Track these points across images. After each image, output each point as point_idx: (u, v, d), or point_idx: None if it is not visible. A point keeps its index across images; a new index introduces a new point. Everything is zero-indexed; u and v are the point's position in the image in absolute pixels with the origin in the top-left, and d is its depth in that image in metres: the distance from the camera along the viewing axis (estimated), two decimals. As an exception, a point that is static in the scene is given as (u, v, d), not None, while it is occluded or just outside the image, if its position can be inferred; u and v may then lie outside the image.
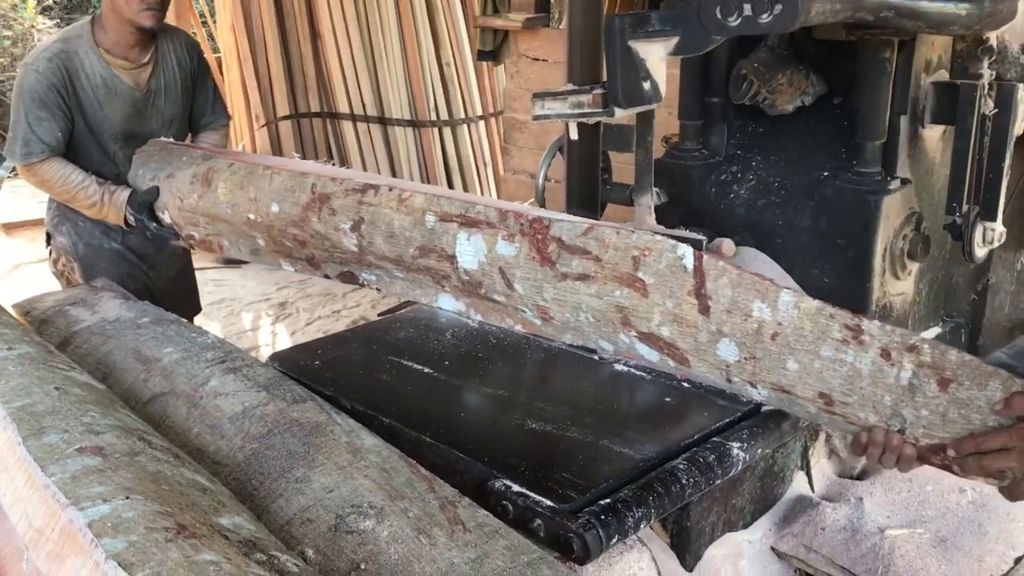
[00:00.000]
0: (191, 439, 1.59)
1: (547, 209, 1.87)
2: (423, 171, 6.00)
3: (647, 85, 1.80)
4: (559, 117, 1.95)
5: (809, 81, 2.06)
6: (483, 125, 6.28)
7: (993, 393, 1.24)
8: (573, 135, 2.01)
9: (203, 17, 6.22)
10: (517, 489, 1.52)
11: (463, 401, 1.89)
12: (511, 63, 4.20)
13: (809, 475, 1.95)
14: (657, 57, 1.78)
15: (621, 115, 1.86)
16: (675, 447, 1.67)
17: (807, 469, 1.95)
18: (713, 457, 1.63)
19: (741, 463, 1.67)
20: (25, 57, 2.83)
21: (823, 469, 2.00)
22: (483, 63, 5.79)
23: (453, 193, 1.76)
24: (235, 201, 2.05)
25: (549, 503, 1.48)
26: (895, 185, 1.99)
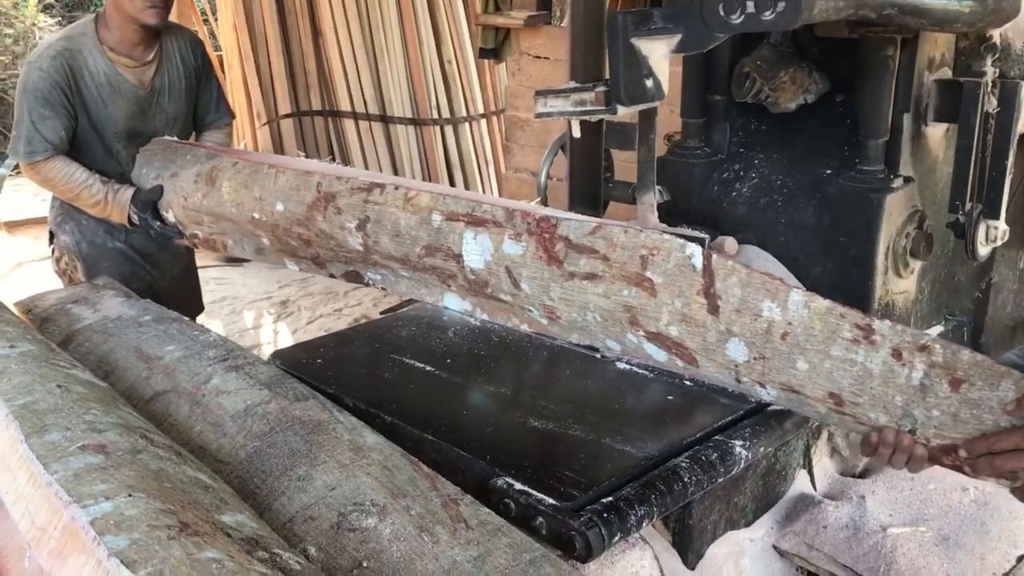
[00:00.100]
0: (193, 437, 1.59)
1: (552, 208, 1.86)
2: (424, 169, 6.00)
3: (650, 83, 1.80)
4: (561, 115, 1.94)
5: (812, 79, 2.05)
6: (485, 123, 6.28)
7: (1005, 393, 1.22)
8: (575, 133, 2.01)
9: (204, 15, 6.22)
10: (519, 487, 1.52)
11: (465, 399, 1.89)
12: (513, 61, 4.20)
13: (811, 473, 1.95)
14: (660, 55, 1.78)
15: (623, 113, 1.86)
16: (677, 445, 1.66)
17: (809, 467, 1.95)
18: (715, 455, 1.63)
19: (743, 461, 1.66)
20: (28, 55, 2.82)
21: (825, 467, 2.00)
22: (485, 61, 5.79)
23: (459, 192, 1.76)
24: (239, 200, 2.05)
25: (551, 501, 1.48)
26: (898, 183, 1.99)
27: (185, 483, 1.23)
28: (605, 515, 1.45)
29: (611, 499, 1.49)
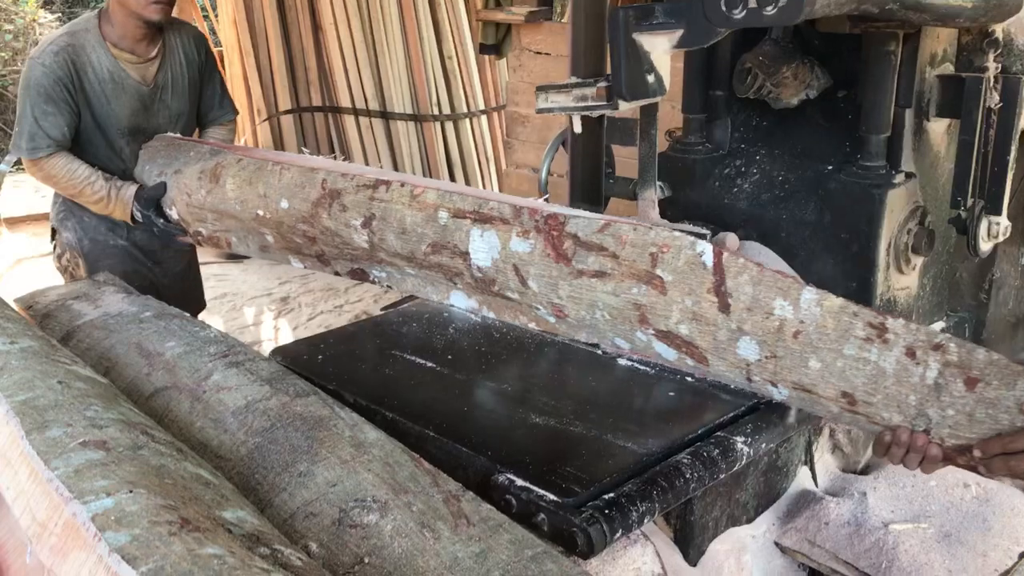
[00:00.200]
0: (194, 433, 1.59)
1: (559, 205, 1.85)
2: (425, 166, 6.00)
3: (651, 78, 1.80)
4: (563, 110, 1.94)
5: (813, 74, 2.05)
6: (485, 119, 6.28)
7: (1022, 393, 1.21)
8: (577, 128, 2.00)
9: (204, 11, 6.22)
10: (521, 483, 1.51)
11: (467, 395, 1.89)
12: (513, 57, 4.20)
13: (813, 470, 1.95)
14: (661, 50, 1.78)
15: (625, 108, 1.86)
16: (679, 442, 1.66)
17: (811, 464, 1.95)
18: (717, 452, 1.62)
19: (745, 458, 1.66)
20: (31, 50, 2.80)
21: (827, 464, 2.00)
22: (485, 57, 5.79)
23: (466, 189, 1.75)
24: (244, 197, 2.04)
25: (553, 497, 1.48)
26: (899, 179, 1.99)
27: (186, 479, 1.23)
28: (607, 511, 1.44)
29: (613, 495, 1.49)
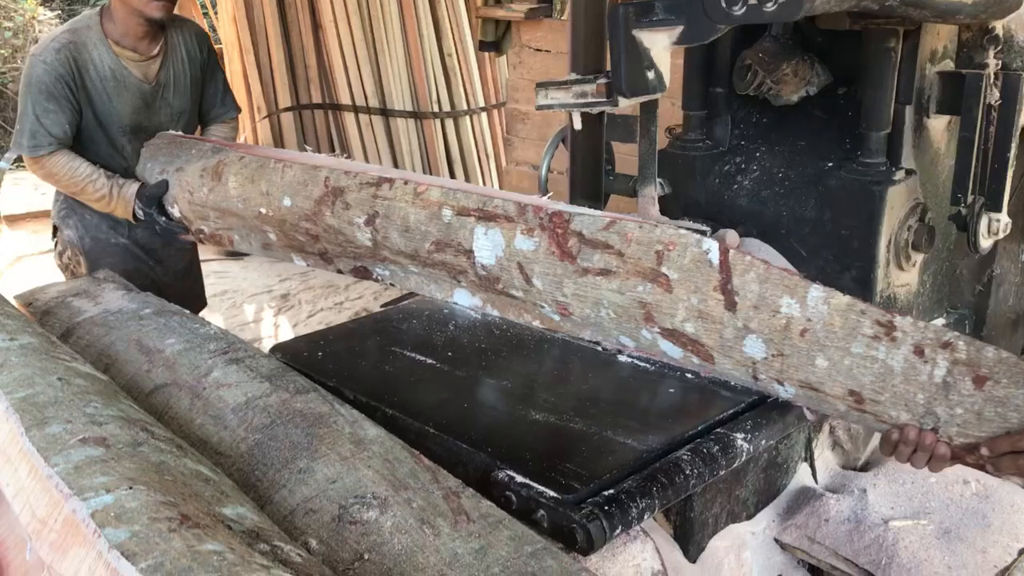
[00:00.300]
0: (194, 430, 1.59)
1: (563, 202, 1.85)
2: (425, 163, 6.00)
3: (651, 75, 1.79)
4: (562, 107, 1.94)
5: (814, 71, 2.05)
6: (485, 116, 6.27)
7: None
8: (577, 125, 2.00)
9: (204, 8, 6.21)
10: (521, 480, 1.51)
11: (466, 392, 1.89)
12: (513, 54, 4.19)
13: (813, 466, 1.95)
14: (661, 46, 1.77)
15: (625, 105, 1.85)
16: (679, 438, 1.66)
17: (811, 460, 1.95)
18: (717, 448, 1.62)
19: (745, 454, 1.66)
20: (33, 48, 2.79)
21: (827, 460, 2.00)
22: (485, 54, 5.78)
23: (470, 186, 1.74)
24: (246, 195, 2.04)
25: (553, 494, 1.48)
26: (900, 176, 1.98)
27: (186, 476, 1.23)
28: (606, 508, 1.45)
29: (612, 492, 1.49)
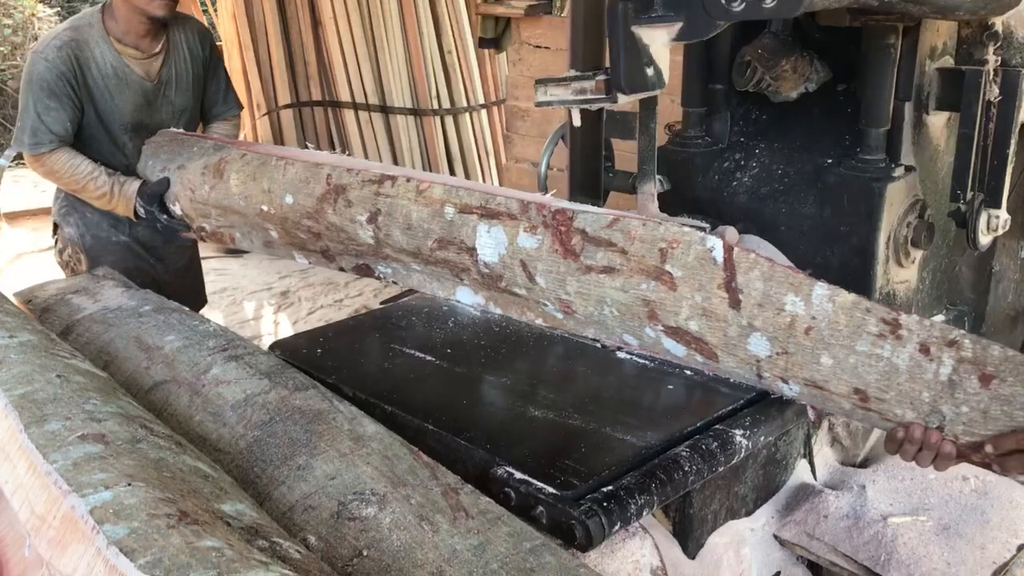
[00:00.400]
0: (193, 427, 1.59)
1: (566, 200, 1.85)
2: (425, 160, 5.99)
3: (650, 71, 1.79)
4: (561, 103, 1.93)
5: (813, 68, 2.04)
6: (485, 113, 6.27)
7: None
8: (576, 122, 2.00)
9: (204, 5, 6.21)
10: (520, 476, 1.51)
11: (465, 389, 1.89)
12: (513, 51, 4.19)
13: (812, 463, 1.95)
14: (660, 43, 1.77)
15: (624, 102, 1.85)
16: (678, 434, 1.66)
17: (810, 457, 1.95)
18: (716, 444, 1.62)
19: (744, 451, 1.66)
20: (34, 45, 2.78)
21: (826, 457, 2.00)
22: (485, 51, 5.78)
23: (473, 184, 1.74)
24: (248, 192, 2.04)
25: (552, 490, 1.48)
26: (899, 172, 1.98)
27: (185, 472, 1.23)
28: (605, 504, 1.45)
29: (611, 488, 1.49)
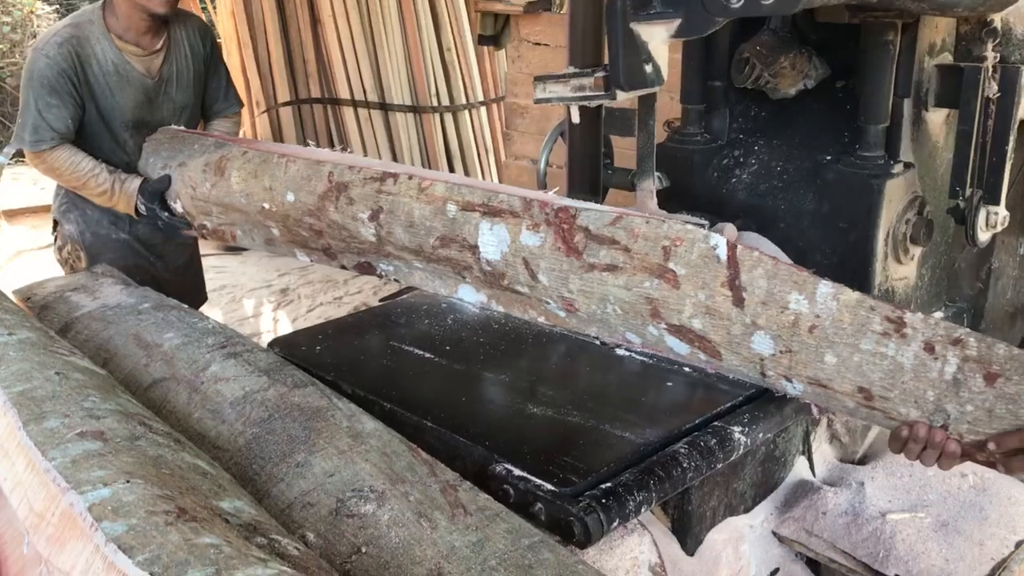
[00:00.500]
0: (192, 424, 1.59)
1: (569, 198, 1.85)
2: (424, 157, 6.00)
3: (649, 68, 1.79)
4: (560, 100, 1.93)
5: (812, 64, 2.04)
6: (484, 111, 6.27)
7: None
8: (575, 119, 2.00)
9: (203, 3, 6.20)
10: (518, 473, 1.52)
11: (464, 386, 1.89)
12: (512, 48, 4.19)
13: (810, 459, 1.95)
14: (659, 40, 1.77)
15: (623, 99, 1.85)
16: (676, 431, 1.66)
17: (808, 453, 1.95)
18: (714, 441, 1.63)
19: (742, 447, 1.66)
20: (35, 41, 2.77)
21: (824, 454, 2.00)
22: (484, 48, 5.78)
23: (475, 181, 1.74)
24: (249, 190, 2.03)
25: (550, 487, 1.48)
26: (898, 169, 1.98)
27: (183, 469, 1.23)
28: (604, 501, 1.45)
29: (610, 485, 1.49)
